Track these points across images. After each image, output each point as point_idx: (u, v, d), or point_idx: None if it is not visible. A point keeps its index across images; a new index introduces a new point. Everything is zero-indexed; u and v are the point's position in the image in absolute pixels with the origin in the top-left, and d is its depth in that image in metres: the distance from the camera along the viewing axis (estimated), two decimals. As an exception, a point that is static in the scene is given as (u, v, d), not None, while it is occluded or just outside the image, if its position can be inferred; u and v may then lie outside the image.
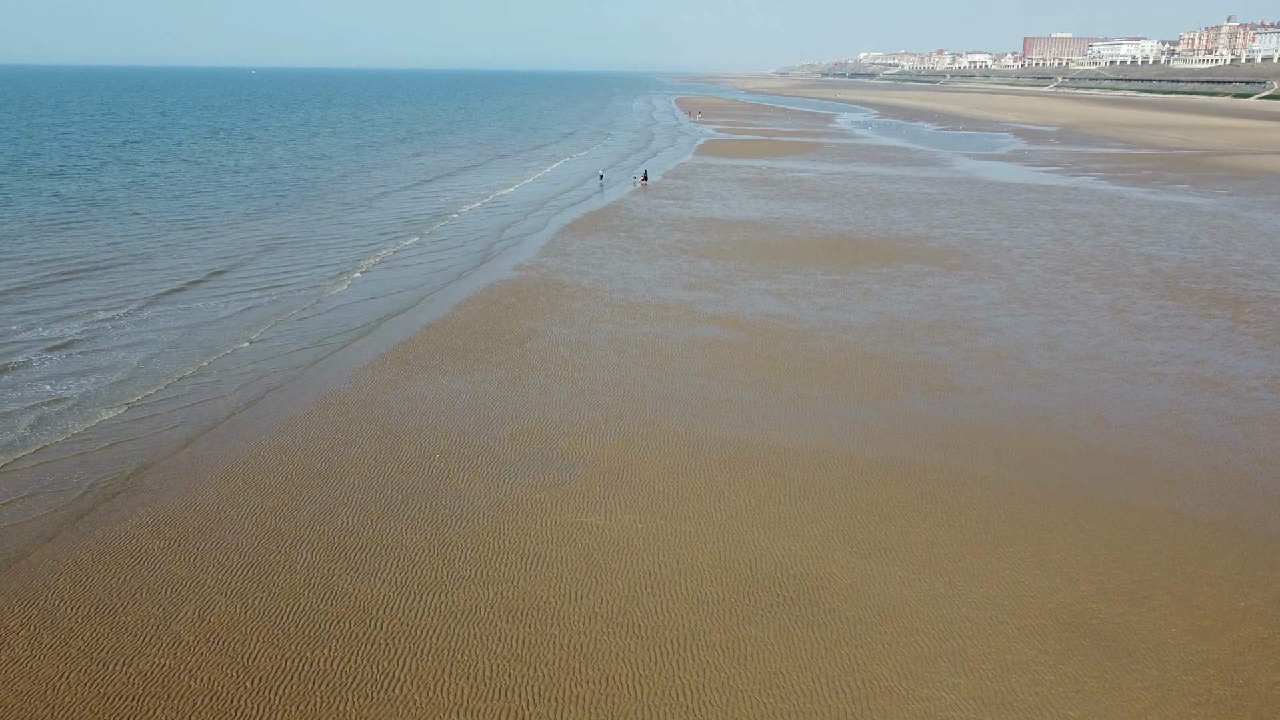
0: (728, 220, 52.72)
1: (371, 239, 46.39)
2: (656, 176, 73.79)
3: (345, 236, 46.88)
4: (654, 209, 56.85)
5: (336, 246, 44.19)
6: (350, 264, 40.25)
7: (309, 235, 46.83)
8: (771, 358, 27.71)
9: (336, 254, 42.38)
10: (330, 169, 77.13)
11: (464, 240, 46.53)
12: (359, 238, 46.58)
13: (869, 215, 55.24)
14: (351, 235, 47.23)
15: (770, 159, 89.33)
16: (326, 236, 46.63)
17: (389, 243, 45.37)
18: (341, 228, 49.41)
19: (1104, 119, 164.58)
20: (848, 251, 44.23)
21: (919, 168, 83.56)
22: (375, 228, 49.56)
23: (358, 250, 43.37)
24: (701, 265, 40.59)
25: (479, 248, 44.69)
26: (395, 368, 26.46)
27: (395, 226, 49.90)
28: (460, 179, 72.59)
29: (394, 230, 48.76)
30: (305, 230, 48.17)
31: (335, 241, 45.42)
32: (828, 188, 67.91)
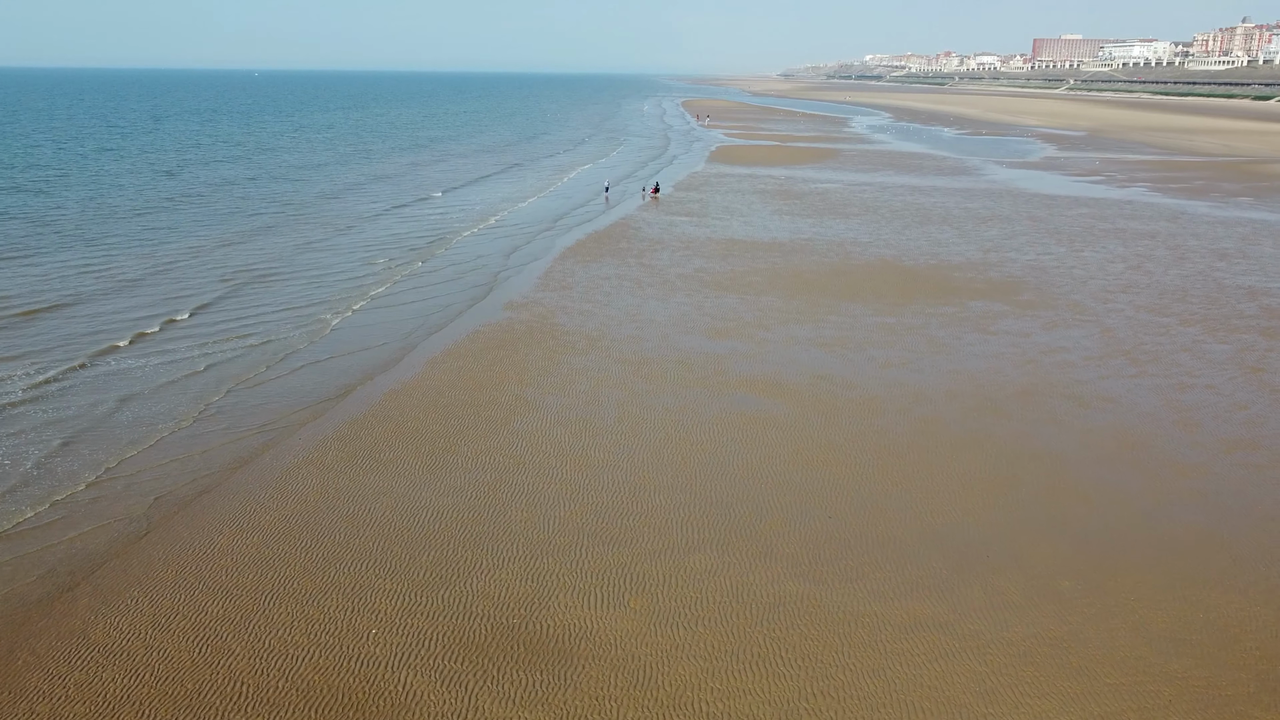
0: (751, 242, 46.38)
1: (355, 272, 39.50)
2: (668, 188, 67.49)
3: (326, 269, 39.99)
4: (667, 228, 50.55)
5: (314, 282, 37.43)
6: (326, 307, 33.52)
7: (283, 268, 39.98)
8: (832, 445, 21.34)
9: (312, 292, 35.67)
10: (317, 182, 70.03)
11: (462, 271, 39.85)
12: (341, 271, 39.71)
13: (911, 236, 48.86)
14: (333, 268, 40.29)
15: (788, 167, 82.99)
16: (304, 270, 39.74)
17: (375, 278, 38.49)
18: (322, 256, 42.64)
19: (1130, 123, 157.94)
20: (896, 283, 37.85)
21: (951, 177, 77.13)
22: (361, 257, 42.68)
23: (337, 287, 36.61)
24: (727, 303, 34.25)
25: (481, 279, 38.39)
26: (340, 463, 20.14)
27: (384, 255, 43.06)
28: (462, 195, 64.67)
29: (382, 260, 41.85)
30: (280, 261, 41.27)
31: (313, 276, 38.59)
32: (857, 201, 61.54)
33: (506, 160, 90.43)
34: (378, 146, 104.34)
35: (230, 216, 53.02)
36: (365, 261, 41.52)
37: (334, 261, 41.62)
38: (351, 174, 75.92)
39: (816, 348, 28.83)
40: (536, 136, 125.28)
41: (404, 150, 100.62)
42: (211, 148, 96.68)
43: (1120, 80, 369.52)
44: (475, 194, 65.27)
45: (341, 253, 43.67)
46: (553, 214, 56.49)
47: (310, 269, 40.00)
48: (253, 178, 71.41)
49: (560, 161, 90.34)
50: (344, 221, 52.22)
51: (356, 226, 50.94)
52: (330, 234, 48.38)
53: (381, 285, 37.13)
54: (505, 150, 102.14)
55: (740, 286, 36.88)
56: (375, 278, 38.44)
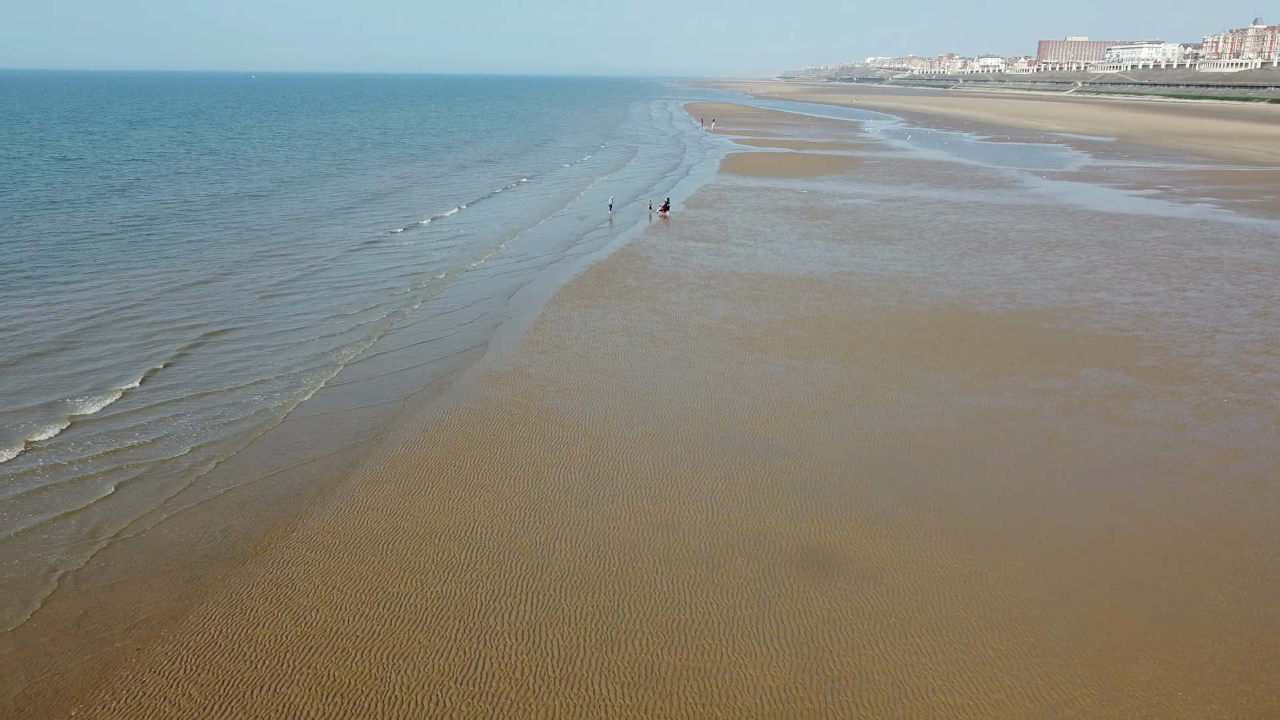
0: (784, 278, 38.67)
1: (323, 331, 30.54)
2: (678, 205, 59.80)
3: (287, 328, 31.02)
4: (682, 257, 42.84)
5: (268, 348, 28.73)
6: (274, 389, 25.04)
7: (232, 327, 30.58)
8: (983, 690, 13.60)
9: (264, 364, 27.20)
10: (290, 203, 59.49)
11: (452, 325, 31.70)
12: (306, 330, 30.78)
13: (972, 269, 41.15)
14: (297, 325, 31.40)
15: (808, 179, 75.27)
16: (259, 328, 30.93)
17: (348, 338, 29.87)
18: (286, 308, 33.46)
19: (1157, 127, 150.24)
20: (978, 339, 30.11)
21: (992, 191, 69.40)
22: (335, 307, 33.64)
23: (297, 356, 27.95)
24: (768, 371, 26.50)
25: (473, 336, 30.52)
26: None
27: (365, 304, 34.40)
28: (461, 219, 54.83)
29: (348, 321, 32.05)
30: (230, 316, 32.10)
31: (269, 338, 29.80)
32: (896, 222, 53.80)
33: (511, 172, 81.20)
34: (366, 158, 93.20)
35: (179, 250, 43.68)
36: (338, 313, 32.93)
37: (300, 315, 32.61)
38: (333, 193, 65.72)
39: (902, 452, 21.06)
40: (544, 144, 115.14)
41: (396, 161, 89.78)
42: (180, 159, 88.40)
43: (1130, 82, 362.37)
44: (477, 216, 56.26)
45: (312, 302, 34.62)
46: (565, 237, 48.76)
47: (267, 327, 31.10)
48: (216, 197, 62.00)
49: (570, 174, 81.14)
50: (319, 257, 42.88)
51: (335, 263, 41.58)
52: (300, 274, 39.26)
53: (354, 349, 28.80)
54: (509, 161, 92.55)
55: (781, 345, 29.12)
56: (348, 338, 29.95)
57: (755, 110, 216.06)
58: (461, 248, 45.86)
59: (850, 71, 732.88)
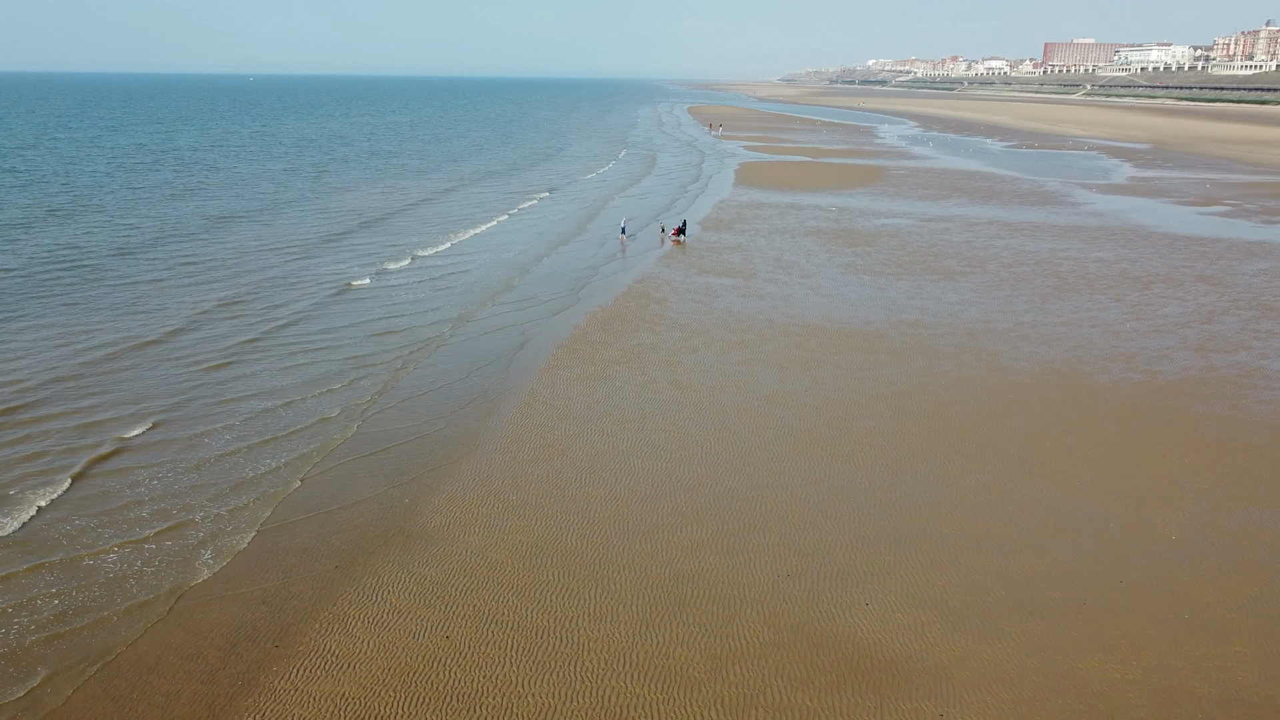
0: (834, 329, 30.99)
1: (223, 471, 20.01)
2: (694, 226, 52.17)
3: (197, 442, 21.57)
4: (704, 299, 35.17)
5: (146, 498, 19.73)
6: (133, 595, 16.04)
7: (119, 467, 20.38)
8: None
9: (124, 533, 18.54)
10: (256, 229, 50.26)
11: (418, 424, 23.34)
12: (214, 446, 21.25)
13: (1062, 314, 33.43)
14: (211, 435, 21.96)
15: (835, 193, 67.62)
16: (155, 458, 20.61)
17: (272, 463, 20.44)
18: (206, 408, 23.64)
19: (1189, 133, 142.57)
20: (1116, 435, 22.40)
21: (1044, 208, 61.70)
22: (272, 398, 24.34)
23: (197, 516, 18.60)
24: (846, 499, 18.78)
25: (439, 449, 22.72)
26: None
27: (306, 397, 24.62)
28: (454, 256, 44.34)
29: (292, 414, 23.34)
30: (133, 417, 23.09)
31: (156, 477, 19.80)
32: (950, 248, 46.12)
33: (519, 188, 71.59)
34: (354, 171, 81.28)
35: (99, 299, 34.73)
36: (287, 401, 24.23)
37: (231, 408, 23.66)
38: (311, 217, 55.45)
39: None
40: (554, 155, 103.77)
41: (388, 176, 78.16)
42: (143, 171, 79.99)
43: (1141, 85, 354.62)
44: (481, 246, 47.28)
45: (257, 381, 25.66)
46: (579, 271, 41.09)
47: (187, 428, 22.37)
48: (166, 223, 52.38)
49: (584, 190, 71.17)
50: (281, 310, 33.60)
51: (300, 320, 32.16)
52: (252, 336, 29.98)
53: (290, 473, 20.11)
54: (517, 174, 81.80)
55: (854, 447, 21.40)
56: (285, 454, 21.01)
57: (761, 114, 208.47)
58: (461, 291, 37.22)
59: (852, 74, 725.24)
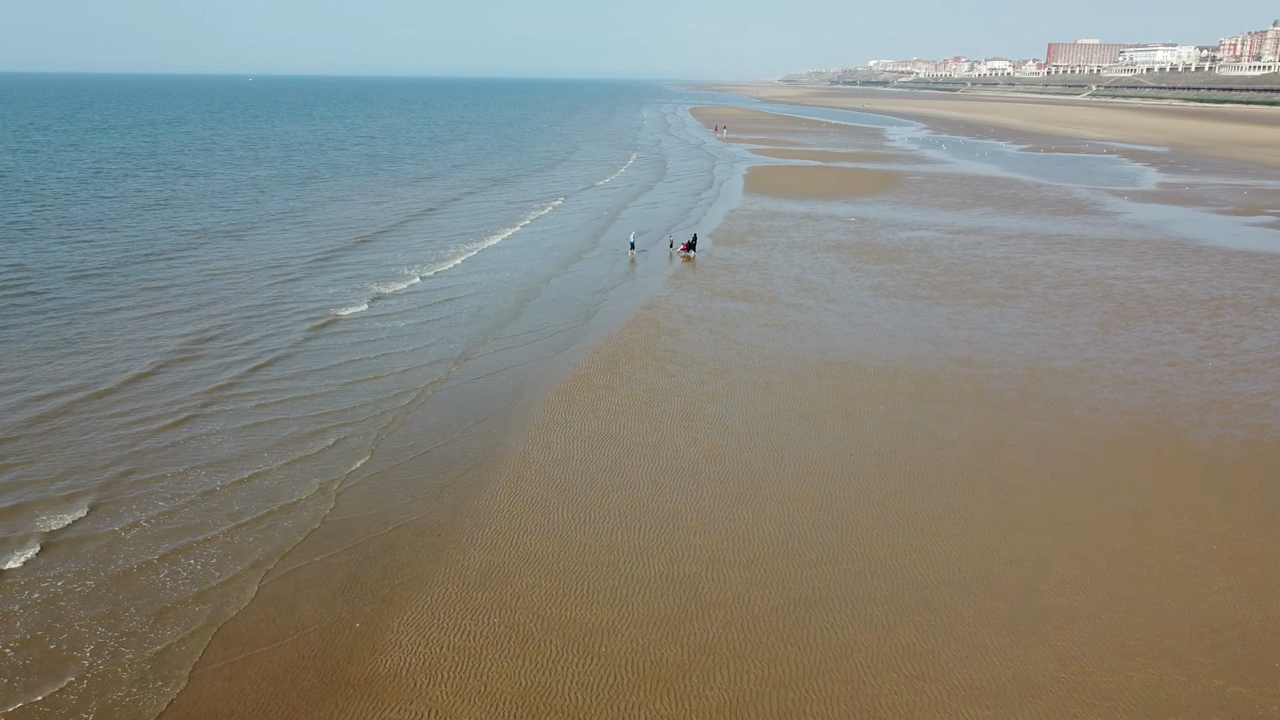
0: (874, 369, 27.00)
1: (157, 586, 15.76)
2: (705, 239, 48.23)
3: (136, 528, 18.28)
4: (721, 329, 31.19)
5: (76, 591, 16.41)
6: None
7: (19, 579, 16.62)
8: None
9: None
10: (232, 248, 45.04)
11: (399, 503, 19.98)
12: (136, 555, 16.96)
13: (1131, 349, 29.45)
14: (145, 534, 17.85)
15: (851, 201, 63.65)
16: (91, 535, 17.53)
17: (207, 579, 15.87)
18: (151, 469, 20.18)
19: (1207, 135, 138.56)
20: (1227, 514, 18.48)
21: (1078, 219, 57.70)
22: (222, 475, 19.95)
23: (98, 639, 14.83)
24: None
25: (403, 548, 18.75)
26: None
27: (259, 471, 20.15)
28: (456, 278, 39.68)
29: (240, 508, 18.54)
30: (50, 499, 19.21)
31: (86, 573, 16.37)
32: (987, 266, 42.14)
33: (525, 197, 66.68)
34: (347, 179, 75.04)
35: (39, 335, 29.71)
36: (238, 478, 20.01)
37: (139, 531, 17.70)
38: (297, 233, 49.23)
39: None
40: (561, 160, 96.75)
41: (385, 184, 71.81)
42: (118, 178, 75.68)
43: (1147, 86, 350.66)
44: (485, 265, 42.82)
45: (208, 451, 21.17)
46: (592, 293, 37.08)
47: (108, 523, 18.35)
48: (133, 238, 46.10)
49: (595, 199, 65.66)
50: (255, 349, 28.57)
51: (273, 366, 27.13)
52: (214, 386, 25.20)
53: (206, 632, 15.16)
54: (523, 182, 76.48)
55: (920, 539, 17.46)
56: (209, 595, 15.78)
57: (764, 115, 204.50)
58: (461, 322, 32.67)
59: (853, 75, 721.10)
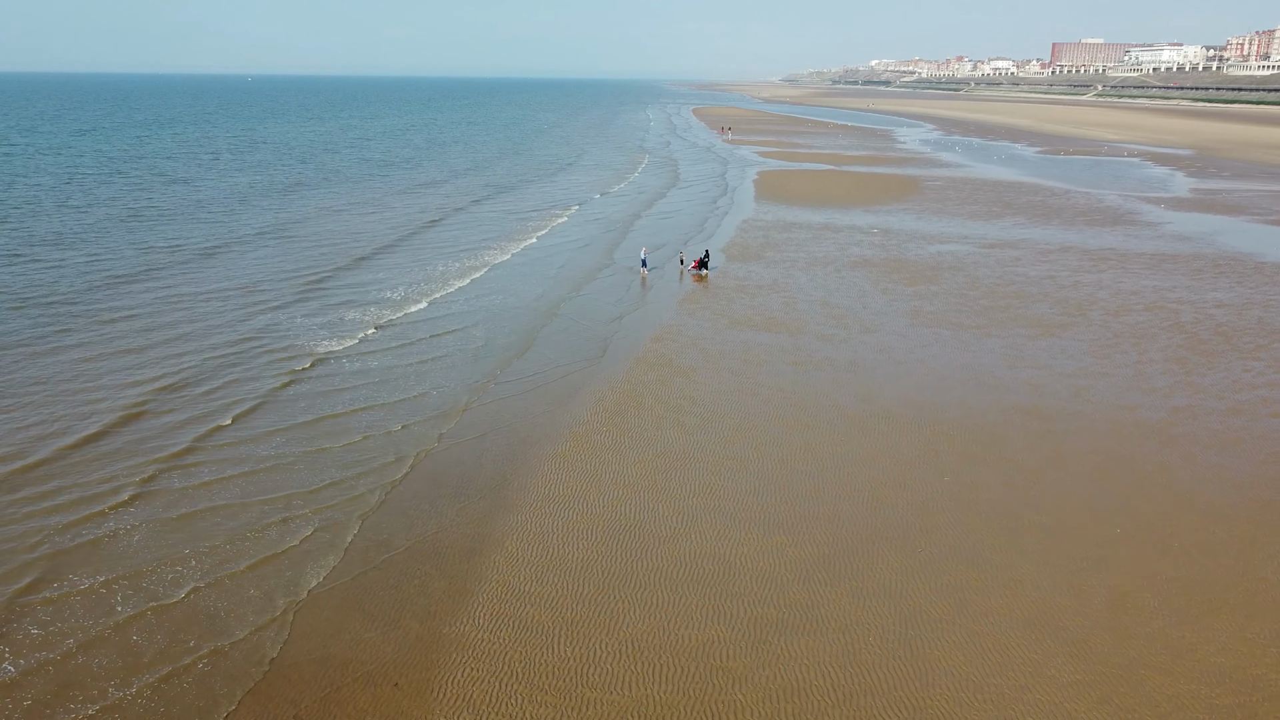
0: (926, 422, 22.92)
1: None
2: (718, 254, 44.17)
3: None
4: (742, 366, 27.10)
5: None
6: None
7: None
8: None
9: None
10: (200, 273, 39.09)
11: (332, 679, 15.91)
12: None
13: (1230, 396, 25.35)
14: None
15: (870, 210, 59.57)
16: None
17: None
18: (22, 618, 15.87)
19: (1228, 137, 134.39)
20: None
21: (1117, 231, 53.57)
22: (102, 631, 15.54)
23: None
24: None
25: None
26: None
27: (160, 635, 15.29)
28: (455, 305, 34.85)
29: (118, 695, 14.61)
30: None
31: None
32: (1033, 287, 38.03)
33: (529, 206, 62.01)
34: (338, 188, 68.25)
35: None
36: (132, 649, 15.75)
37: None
38: (269, 257, 42.28)
39: None
40: (568, 166, 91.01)
41: (376, 193, 65.82)
42: (88, 185, 72.17)
43: (1154, 85, 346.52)
44: (488, 290, 38.14)
45: (70, 628, 16.22)
46: (605, 323, 32.75)
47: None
48: (80, 268, 39.13)
49: (605, 209, 61.16)
50: (212, 403, 24.08)
51: (205, 443, 21.90)
52: (119, 500, 19.18)
53: None
54: (529, 190, 71.03)
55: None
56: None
57: (768, 116, 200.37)
58: (457, 365, 27.98)
59: (855, 74, 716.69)
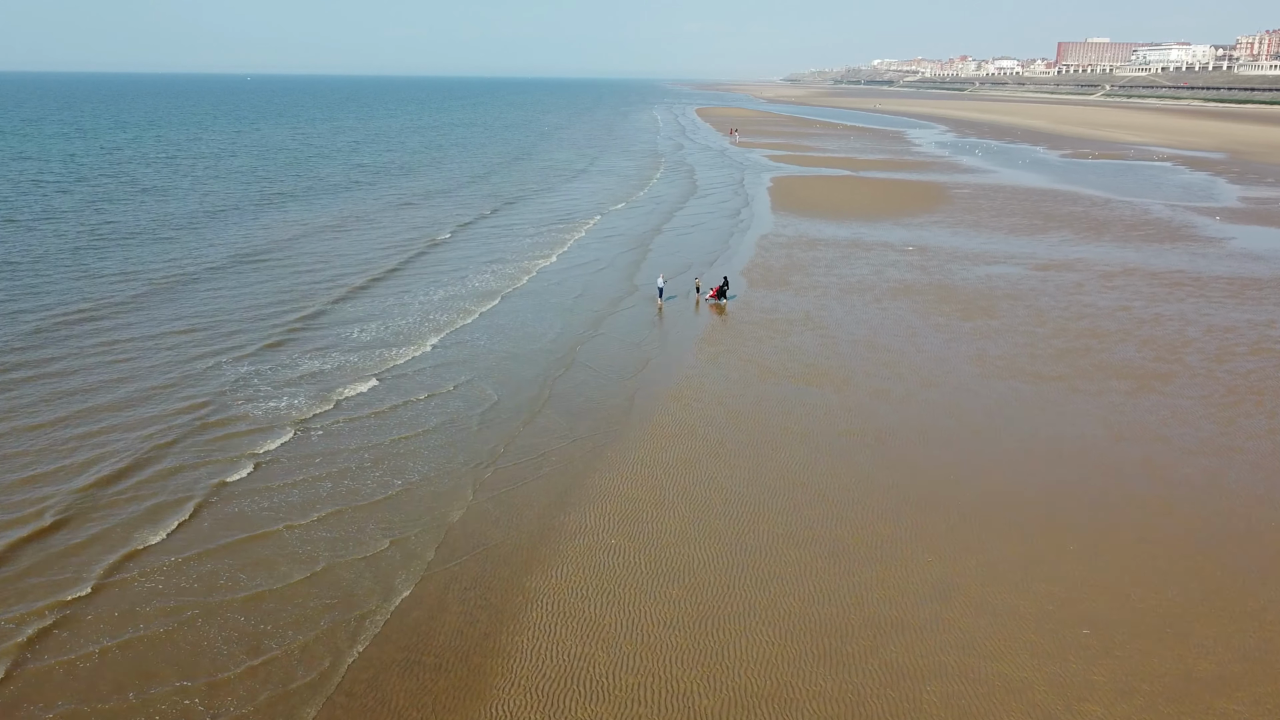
0: (1036, 529, 17.66)
1: None
2: (738, 279, 38.85)
3: None
4: (782, 438, 21.77)
5: None
6: None
7: None
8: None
9: None
10: (150, 304, 33.64)
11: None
12: None
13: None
14: None
15: (899, 222, 54.26)
16: None
17: None
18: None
19: (1258, 139, 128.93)
20: None
21: (1177, 248, 48.23)
22: None
23: None
24: None
25: None
26: None
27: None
28: (458, 349, 29.47)
29: None
30: None
31: None
32: (1109, 322, 32.72)
33: (535, 218, 57.02)
34: (324, 202, 60.50)
35: None
36: None
37: None
38: (228, 294, 35.74)
39: None
40: (579, 174, 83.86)
41: (368, 207, 58.81)
42: (43, 195, 66.71)
43: (1164, 85, 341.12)
44: (496, 324, 33.26)
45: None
46: (625, 378, 27.10)
47: None
48: (28, 307, 32.91)
49: (620, 223, 55.08)
50: (56, 573, 17.60)
51: (75, 611, 16.10)
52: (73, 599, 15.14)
53: None
54: (537, 201, 64.54)
55: None
56: None
57: (774, 117, 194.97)
58: (458, 441, 22.33)
59: (857, 74, 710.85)
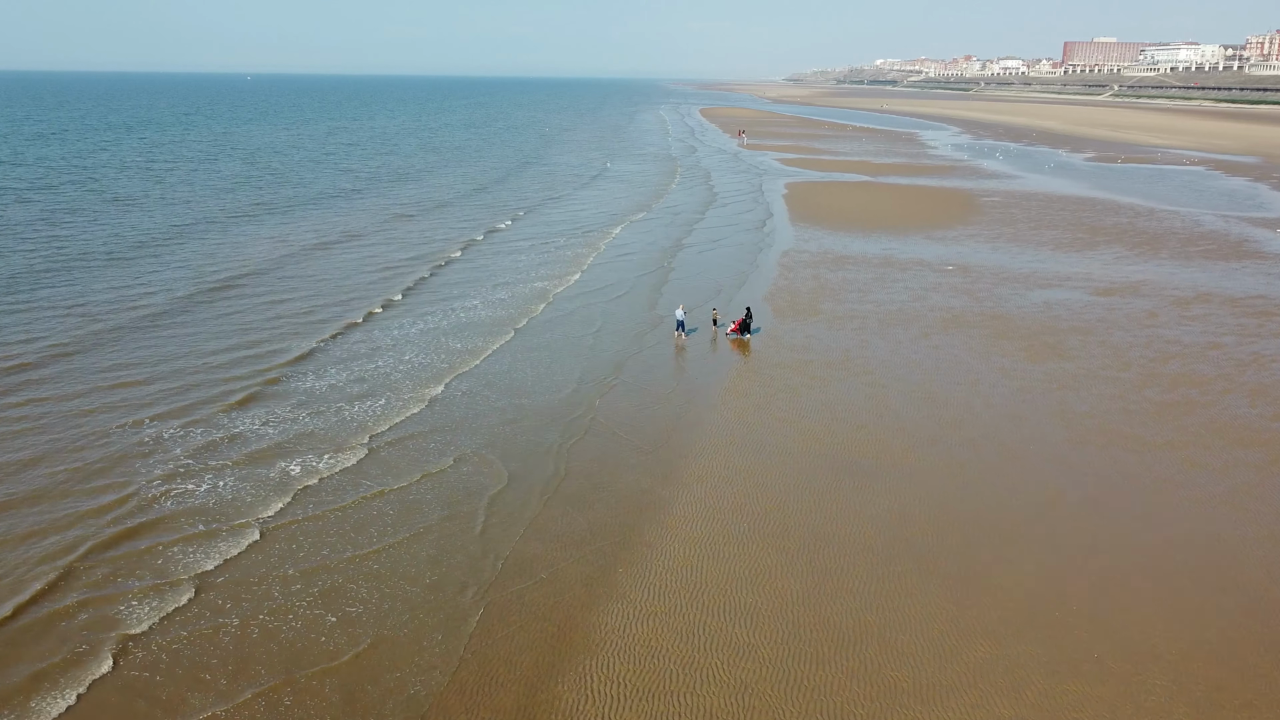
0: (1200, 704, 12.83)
1: None
2: (763, 310, 33.96)
3: None
4: (839, 547, 16.94)
5: None
6: None
7: None
8: None
9: None
10: (79, 356, 27.96)
11: None
12: None
13: None
14: None
15: (931, 235, 49.40)
16: None
17: None
18: None
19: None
20: None
21: (1251, 267, 43.34)
22: None
23: None
24: None
25: None
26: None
27: None
28: (444, 415, 23.92)
29: None
30: None
31: None
32: (1202, 366, 27.93)
33: (543, 232, 52.07)
34: (313, 216, 54.41)
35: None
36: None
37: None
38: (148, 363, 27.95)
39: None
40: (589, 182, 77.67)
41: (361, 224, 52.19)
42: (16, 216, 62.08)
43: (1173, 86, 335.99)
44: (496, 380, 27.73)
45: None
46: (636, 458, 22.04)
47: None
48: None
49: (636, 239, 49.35)
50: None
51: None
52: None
53: None
54: (546, 214, 58.83)
55: None
56: None
57: (780, 117, 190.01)
58: (443, 559, 17.68)
59: (860, 74, 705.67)
